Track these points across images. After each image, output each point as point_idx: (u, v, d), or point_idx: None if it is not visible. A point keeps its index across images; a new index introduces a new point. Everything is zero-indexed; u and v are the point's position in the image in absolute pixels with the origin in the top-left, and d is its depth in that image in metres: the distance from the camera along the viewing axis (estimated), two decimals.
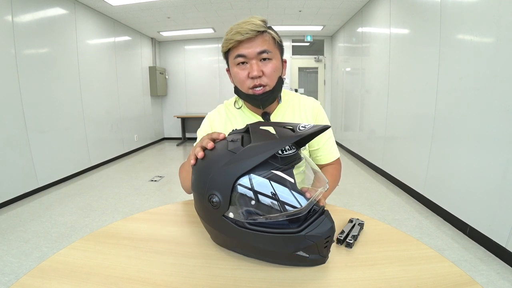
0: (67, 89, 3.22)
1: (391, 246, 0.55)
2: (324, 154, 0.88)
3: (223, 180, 0.47)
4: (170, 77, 5.93)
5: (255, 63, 0.70)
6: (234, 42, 0.69)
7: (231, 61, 0.74)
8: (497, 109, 1.58)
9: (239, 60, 0.71)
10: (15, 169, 2.53)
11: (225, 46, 0.73)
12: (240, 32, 0.68)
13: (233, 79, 0.78)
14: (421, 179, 2.39)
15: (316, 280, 0.46)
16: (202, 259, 0.52)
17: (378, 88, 3.35)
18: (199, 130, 0.90)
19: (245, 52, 0.70)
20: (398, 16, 2.83)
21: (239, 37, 0.68)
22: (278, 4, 3.78)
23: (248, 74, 0.71)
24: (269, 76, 0.72)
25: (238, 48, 0.70)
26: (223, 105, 0.91)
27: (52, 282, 0.45)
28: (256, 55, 0.70)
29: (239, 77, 0.73)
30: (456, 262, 1.56)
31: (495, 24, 1.58)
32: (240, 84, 0.74)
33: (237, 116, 0.86)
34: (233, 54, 0.72)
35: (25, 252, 1.70)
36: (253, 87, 0.72)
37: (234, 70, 0.74)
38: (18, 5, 2.53)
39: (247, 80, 0.72)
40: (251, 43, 0.69)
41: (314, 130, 0.49)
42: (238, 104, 0.87)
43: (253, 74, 0.70)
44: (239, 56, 0.71)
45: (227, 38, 0.70)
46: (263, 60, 0.71)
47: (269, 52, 0.71)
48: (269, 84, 0.73)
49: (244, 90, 0.75)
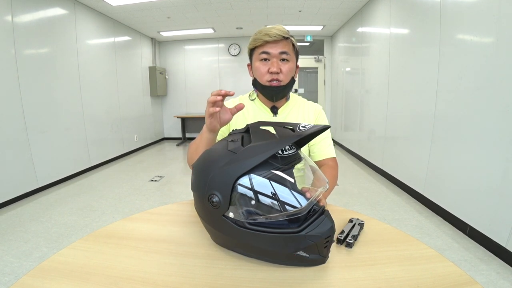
0: (67, 89, 3.22)
1: (391, 246, 0.55)
2: (319, 150, 0.94)
3: (223, 180, 0.47)
4: (170, 77, 5.93)
5: (276, 61, 0.83)
6: (262, 41, 0.82)
7: (255, 56, 0.87)
8: (497, 108, 1.58)
9: (263, 56, 0.84)
10: (15, 169, 2.53)
11: (253, 43, 0.86)
12: (269, 34, 0.81)
13: (254, 72, 0.89)
14: (421, 179, 2.39)
15: (316, 280, 0.46)
16: (202, 259, 0.52)
17: (378, 88, 3.35)
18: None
19: (269, 50, 0.83)
20: (398, 16, 2.83)
21: (268, 38, 0.81)
22: (278, 4, 3.78)
23: (268, 69, 0.84)
24: (285, 74, 0.85)
25: (264, 47, 0.84)
26: (237, 98, 1.01)
27: (52, 282, 0.45)
28: (277, 54, 0.83)
29: (260, 70, 0.86)
30: (456, 262, 1.56)
31: (495, 24, 1.58)
32: (260, 77, 0.86)
33: (249, 108, 0.96)
34: (259, 51, 0.85)
35: (25, 252, 1.70)
36: (270, 80, 0.85)
37: (256, 64, 0.87)
38: (18, 5, 2.53)
39: (266, 74, 0.85)
40: (276, 44, 0.83)
41: (314, 130, 0.49)
42: (252, 96, 0.98)
43: (273, 69, 0.83)
44: (264, 53, 0.84)
45: (257, 37, 0.83)
46: (282, 60, 0.84)
47: (288, 54, 0.84)
48: (283, 81, 0.86)
49: (262, 82, 0.86)
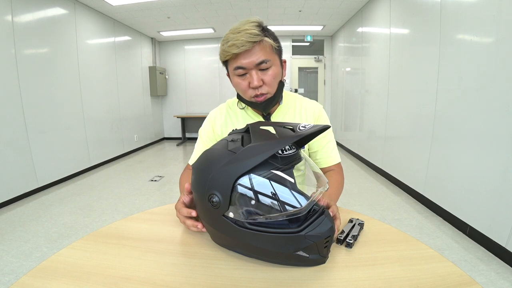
0: (67, 89, 3.22)
1: (391, 246, 0.55)
2: (324, 157, 0.87)
3: (223, 180, 0.47)
4: (170, 77, 5.93)
5: (254, 73, 0.70)
6: (231, 54, 0.69)
7: (230, 71, 0.74)
8: (497, 108, 1.58)
9: (239, 72, 0.71)
10: (15, 169, 2.53)
11: (222, 56, 0.72)
12: (236, 45, 0.66)
13: (235, 87, 0.78)
14: (421, 179, 2.39)
15: (316, 280, 0.46)
16: (202, 259, 0.52)
17: (378, 88, 3.35)
18: (201, 129, 0.92)
19: (243, 64, 0.69)
20: (398, 16, 2.83)
21: (236, 50, 0.67)
22: (278, 4, 3.78)
23: (249, 84, 0.72)
24: (269, 84, 0.73)
25: (236, 60, 0.70)
26: (225, 104, 0.92)
27: (52, 282, 0.45)
28: (254, 66, 0.70)
29: (240, 87, 0.74)
30: (456, 262, 1.56)
31: (495, 24, 1.58)
32: (243, 93, 0.76)
33: (238, 116, 0.87)
34: (232, 66, 0.72)
35: (25, 252, 1.70)
36: (254, 96, 0.74)
37: (235, 79, 0.75)
38: (18, 5, 2.53)
39: (248, 89, 0.73)
40: (249, 54, 0.68)
41: (314, 130, 0.49)
42: (241, 105, 0.87)
43: (253, 84, 0.71)
44: (238, 68, 0.70)
45: (224, 49, 0.69)
46: (261, 70, 0.71)
47: (267, 61, 0.70)
48: (270, 92, 0.74)
49: (246, 98, 0.76)
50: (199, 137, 0.92)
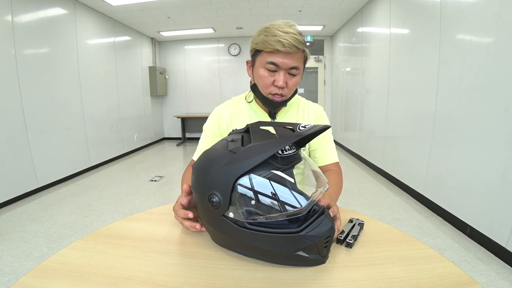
0: (67, 89, 3.22)
1: (391, 246, 0.55)
2: (322, 155, 0.89)
3: (223, 180, 0.47)
4: (170, 77, 5.93)
5: (283, 74, 0.73)
6: (273, 49, 0.69)
7: (260, 61, 0.74)
8: (497, 108, 1.58)
9: (270, 67, 0.72)
10: (15, 169, 2.53)
11: (260, 46, 0.72)
12: (283, 44, 0.67)
13: (256, 78, 0.78)
14: (421, 179, 2.39)
15: (316, 280, 0.46)
16: (202, 259, 0.52)
17: (378, 88, 3.35)
18: (206, 125, 0.92)
19: (279, 62, 0.71)
20: (398, 16, 2.83)
21: (281, 48, 0.68)
22: (278, 4, 3.78)
23: (273, 82, 0.74)
24: (290, 89, 0.76)
25: (274, 56, 0.71)
26: (230, 101, 0.93)
27: (52, 282, 0.45)
28: (287, 68, 0.72)
29: (264, 81, 0.75)
30: (456, 262, 1.56)
31: (495, 24, 1.58)
32: (263, 87, 0.77)
33: (244, 112, 0.89)
34: (266, 58, 0.72)
35: (25, 252, 1.70)
36: (274, 93, 0.76)
37: (260, 71, 0.75)
38: (18, 5, 2.53)
39: (271, 86, 0.75)
40: (288, 56, 0.70)
41: (314, 130, 0.49)
42: (249, 98, 0.89)
43: (278, 84, 0.73)
44: (272, 63, 0.71)
45: (267, 40, 0.69)
46: (290, 74, 0.74)
47: (298, 69, 0.74)
48: (287, 95, 0.78)
49: (264, 92, 0.78)
50: (204, 133, 0.92)
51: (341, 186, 0.85)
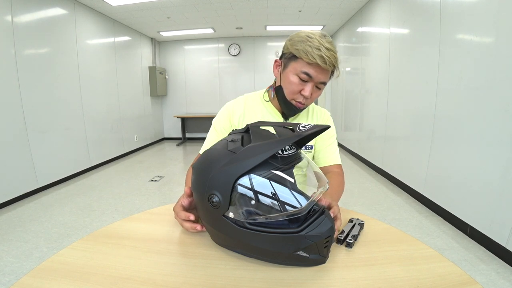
0: (67, 89, 3.22)
1: (391, 246, 0.55)
2: (325, 156, 0.90)
3: (223, 180, 0.47)
4: (170, 77, 5.93)
5: (312, 86, 0.76)
6: (313, 62, 0.71)
7: (294, 66, 0.76)
8: (497, 108, 1.58)
9: (303, 77, 0.75)
10: (15, 169, 2.53)
11: (301, 54, 0.72)
12: (325, 60, 0.70)
13: (284, 82, 0.80)
14: (421, 179, 2.39)
15: (316, 280, 0.46)
16: (202, 259, 0.52)
17: (378, 88, 3.35)
18: (215, 120, 0.92)
19: (313, 75, 0.74)
20: (398, 16, 2.83)
21: (321, 63, 0.71)
22: (278, 4, 3.78)
23: (301, 90, 0.77)
24: (312, 100, 0.82)
25: (310, 68, 0.73)
26: (243, 97, 0.94)
27: (52, 282, 0.45)
28: (317, 82, 0.76)
29: (293, 87, 0.78)
30: (456, 262, 1.56)
31: (494, 24, 1.58)
32: (289, 92, 0.79)
33: (257, 110, 0.90)
34: (302, 67, 0.74)
35: (25, 252, 1.70)
36: (298, 101, 0.80)
37: (291, 77, 0.77)
38: (18, 5, 2.53)
39: (297, 93, 0.78)
40: (322, 72, 0.74)
41: (314, 130, 0.49)
42: (266, 98, 0.91)
43: (305, 94, 0.76)
44: (307, 74, 0.74)
45: (309, 51, 0.70)
46: (317, 87, 0.78)
47: (325, 84, 0.78)
48: (308, 105, 0.83)
49: (288, 97, 0.81)
50: (213, 127, 0.92)
51: (342, 187, 0.85)
